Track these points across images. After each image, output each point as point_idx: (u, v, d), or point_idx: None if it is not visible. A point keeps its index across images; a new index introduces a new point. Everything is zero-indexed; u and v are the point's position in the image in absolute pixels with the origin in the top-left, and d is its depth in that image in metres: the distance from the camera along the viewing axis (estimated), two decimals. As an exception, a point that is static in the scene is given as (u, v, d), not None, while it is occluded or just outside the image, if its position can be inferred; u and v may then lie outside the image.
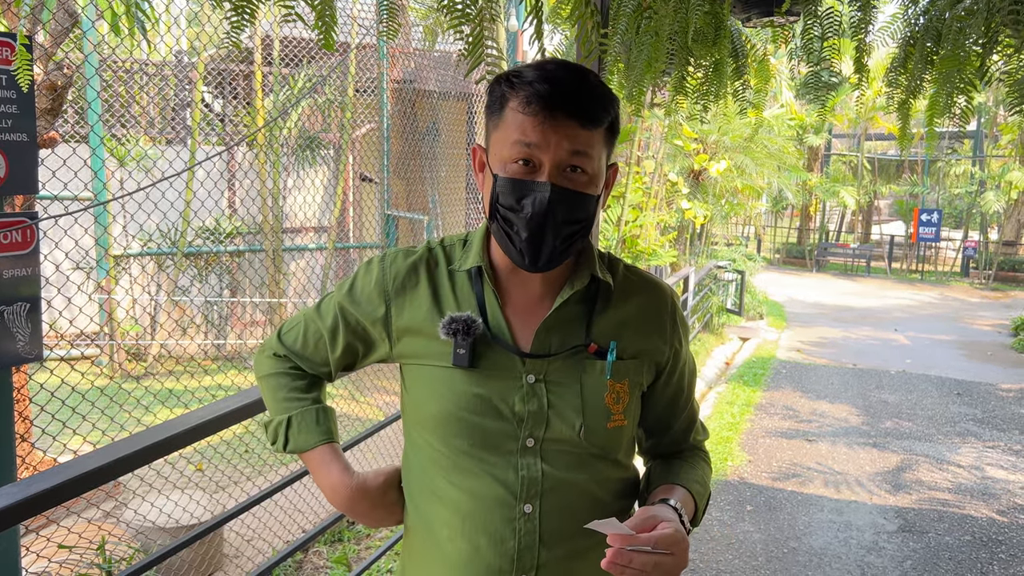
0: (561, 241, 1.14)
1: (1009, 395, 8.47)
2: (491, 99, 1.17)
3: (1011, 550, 4.51)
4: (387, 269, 1.27)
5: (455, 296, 1.23)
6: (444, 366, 1.19)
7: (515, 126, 1.11)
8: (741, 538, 4.52)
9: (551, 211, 1.11)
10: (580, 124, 1.11)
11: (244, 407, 2.13)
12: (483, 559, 1.17)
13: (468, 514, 1.18)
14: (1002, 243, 20.59)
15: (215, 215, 8.06)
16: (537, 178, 1.11)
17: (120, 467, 1.82)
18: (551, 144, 1.10)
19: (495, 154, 1.16)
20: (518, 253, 1.15)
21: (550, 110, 1.09)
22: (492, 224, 1.18)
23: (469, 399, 1.17)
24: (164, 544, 3.43)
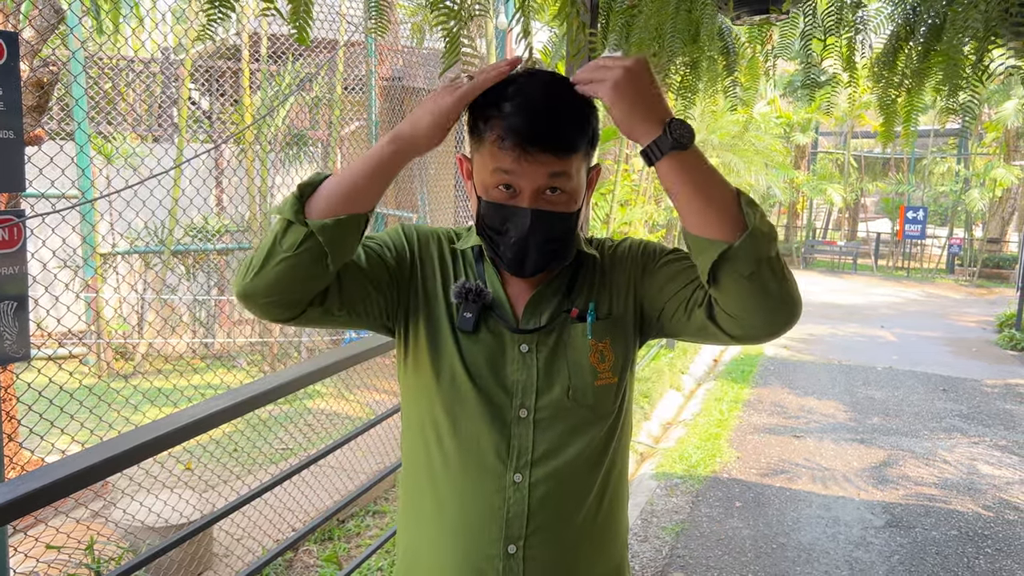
0: (544, 256, 1.20)
1: (994, 391, 8.54)
2: (473, 119, 1.19)
3: (997, 544, 4.55)
4: (416, 229, 1.32)
5: (463, 269, 1.29)
6: (447, 329, 1.24)
7: (494, 157, 1.15)
8: (730, 534, 4.54)
9: (532, 234, 1.17)
10: (556, 156, 1.13)
11: (234, 406, 2.12)
12: (473, 527, 1.21)
13: (460, 483, 1.22)
14: (987, 240, 20.76)
15: (203, 213, 8.03)
16: (519, 203, 1.16)
17: (109, 467, 1.81)
18: (528, 174, 1.14)
19: (477, 174, 1.21)
20: (505, 264, 1.23)
21: (525, 146, 1.12)
22: (480, 234, 1.24)
23: (467, 362, 1.22)
24: (153, 544, 3.42)
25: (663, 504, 4.92)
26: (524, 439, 1.22)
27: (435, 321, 1.25)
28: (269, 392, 2.22)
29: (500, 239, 1.19)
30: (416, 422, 1.28)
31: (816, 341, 11.35)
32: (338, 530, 4.31)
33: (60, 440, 4.46)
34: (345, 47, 8.03)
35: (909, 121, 2.60)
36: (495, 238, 1.20)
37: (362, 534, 4.38)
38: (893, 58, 2.59)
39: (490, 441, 1.21)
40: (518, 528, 1.21)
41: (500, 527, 1.21)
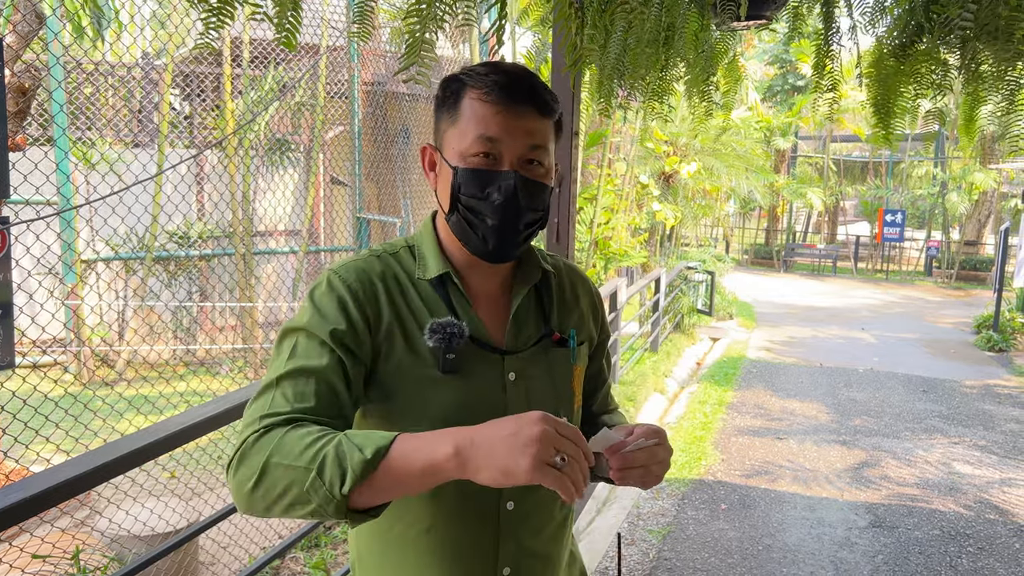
0: (524, 228, 1.18)
1: (973, 391, 8.64)
2: (445, 94, 1.19)
3: (978, 543, 4.61)
4: (347, 280, 1.17)
5: (424, 303, 1.19)
6: (428, 375, 1.15)
7: (474, 119, 1.14)
8: (716, 536, 4.56)
9: (516, 197, 1.14)
10: (538, 113, 1.15)
11: (221, 414, 2.12)
12: (467, 554, 1.20)
13: (455, 511, 1.18)
14: (964, 243, 21.01)
15: (185, 219, 7.97)
16: (501, 166, 1.15)
17: (97, 477, 1.80)
18: (512, 135, 1.14)
19: (451, 148, 1.17)
20: (481, 241, 1.17)
21: (510, 99, 1.14)
22: (452, 217, 1.19)
23: (459, 406, 1.15)
24: (139, 552, 3.39)
25: (649, 507, 4.94)
26: None
27: (412, 367, 1.15)
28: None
29: (481, 206, 1.15)
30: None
31: (798, 344, 11.44)
32: (325, 537, 4.29)
33: (44, 448, 4.41)
34: (327, 52, 8.02)
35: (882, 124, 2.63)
36: (475, 206, 1.15)
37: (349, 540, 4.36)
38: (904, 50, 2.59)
39: None
40: (513, 552, 1.21)
41: (495, 553, 1.20)
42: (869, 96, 2.31)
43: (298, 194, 8.92)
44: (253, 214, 8.14)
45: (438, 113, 1.21)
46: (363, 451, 0.94)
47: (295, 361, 1.09)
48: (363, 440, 0.96)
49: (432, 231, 1.26)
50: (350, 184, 8.57)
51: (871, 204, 22.14)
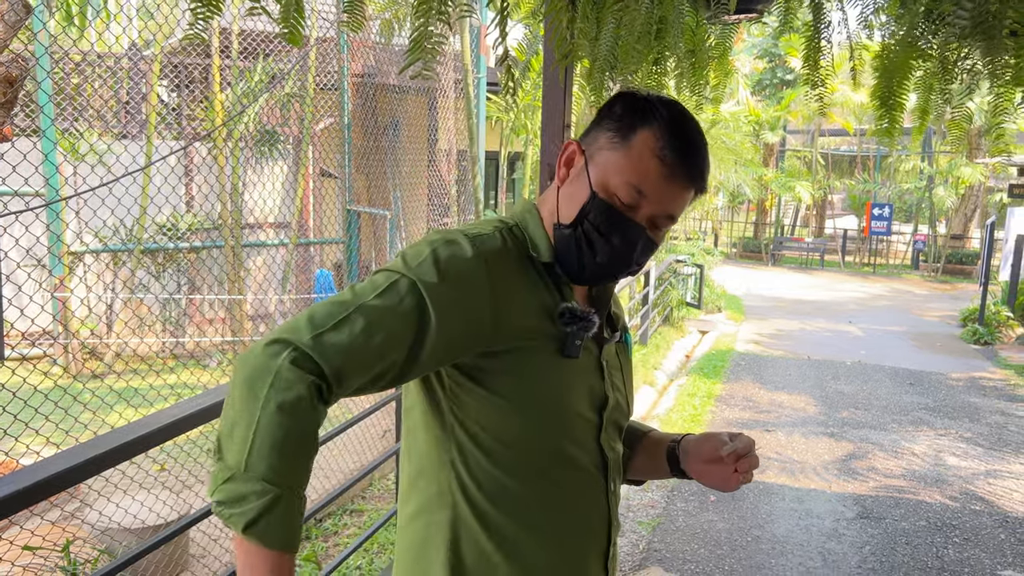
0: (624, 275, 1.21)
1: (959, 384, 8.72)
2: (622, 112, 1.16)
3: (964, 534, 4.66)
4: (483, 251, 1.11)
5: (539, 284, 1.18)
6: (547, 358, 1.14)
7: (639, 170, 1.13)
8: (706, 527, 4.59)
9: (633, 251, 1.17)
10: (691, 187, 1.16)
11: (214, 405, 2.12)
12: (588, 533, 1.22)
13: (568, 501, 1.19)
14: (950, 237, 21.16)
15: (173, 210, 7.93)
16: (635, 217, 1.15)
17: (89, 469, 1.80)
18: (662, 202, 1.15)
19: (601, 172, 1.15)
20: (578, 268, 1.18)
21: (681, 173, 1.14)
22: (566, 231, 1.17)
23: (569, 389, 1.18)
24: (130, 545, 3.38)
25: (639, 499, 4.96)
26: (608, 450, 1.24)
27: (534, 351, 1.14)
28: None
29: (600, 242, 1.15)
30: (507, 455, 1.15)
31: (786, 337, 11.50)
32: (316, 529, 4.30)
33: (35, 441, 4.39)
34: (317, 43, 7.98)
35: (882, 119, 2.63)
36: (594, 239, 1.15)
37: (340, 533, 4.37)
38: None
39: (589, 456, 1.21)
40: (615, 529, 1.26)
41: (607, 531, 1.25)
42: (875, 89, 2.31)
43: (287, 186, 8.89)
44: (243, 206, 8.10)
45: (604, 121, 1.18)
46: (249, 524, 0.92)
47: (382, 329, 1.01)
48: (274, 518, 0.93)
49: (537, 217, 1.23)
50: (340, 176, 8.54)
51: (859, 198, 22.26)
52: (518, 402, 1.13)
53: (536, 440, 1.15)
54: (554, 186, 1.22)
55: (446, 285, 1.05)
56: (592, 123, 1.22)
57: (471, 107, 7.80)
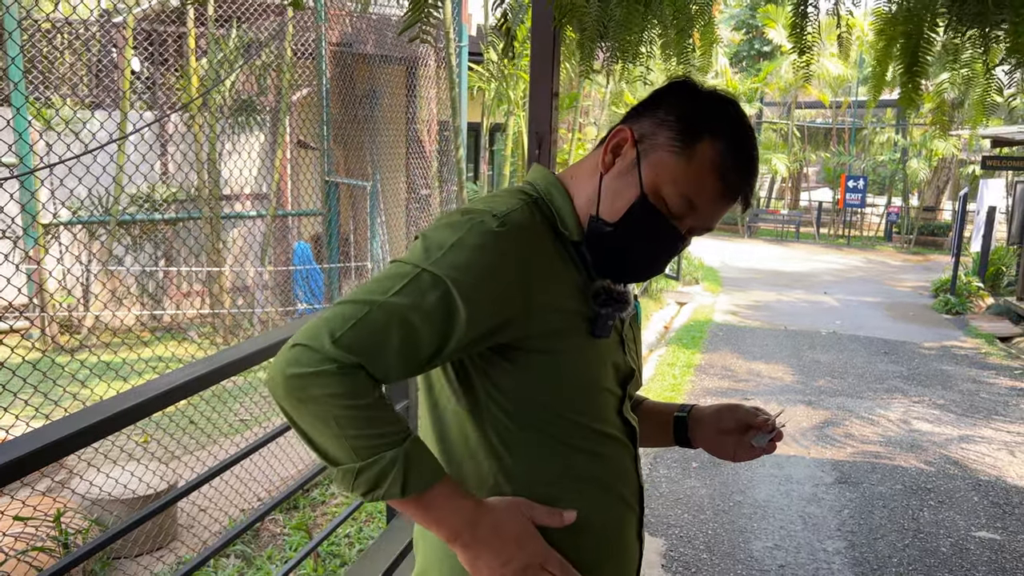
0: (648, 278, 1.24)
1: (931, 353, 8.88)
2: (684, 122, 1.11)
3: (939, 497, 4.77)
4: (512, 231, 1.05)
5: (573, 262, 1.14)
6: (578, 339, 1.12)
7: (697, 183, 1.10)
8: (688, 493, 4.67)
9: (668, 258, 1.17)
10: (739, 207, 1.16)
11: (213, 371, 2.11)
12: (625, 514, 1.22)
13: (608, 473, 1.19)
14: (923, 209, 21.43)
15: (149, 181, 7.81)
16: (679, 226, 1.14)
17: (85, 438, 1.78)
18: (709, 217, 1.13)
19: (655, 174, 1.11)
20: (606, 264, 1.15)
21: (737, 193, 1.12)
22: (606, 227, 1.12)
23: (599, 365, 1.16)
24: (120, 515, 3.37)
25: (622, 466, 5.02)
26: (630, 419, 1.24)
27: (567, 332, 1.11)
28: (236, 363, 2.19)
29: (640, 245, 1.13)
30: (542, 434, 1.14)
31: (763, 307, 11.63)
32: (303, 499, 4.31)
33: (4, 419, 4.33)
34: (294, 11, 7.84)
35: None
36: (635, 241, 1.12)
37: (327, 502, 4.38)
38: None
39: (615, 428, 1.20)
40: (643, 500, 1.27)
41: (639, 498, 1.25)
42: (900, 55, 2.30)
43: (264, 157, 8.78)
44: (219, 177, 7.99)
45: (662, 113, 1.13)
46: (404, 489, 0.98)
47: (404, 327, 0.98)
48: (412, 473, 0.98)
49: (564, 193, 1.17)
50: (317, 147, 8.44)
51: (834, 170, 22.42)
52: (551, 381, 1.10)
53: (569, 418, 1.13)
54: (595, 170, 1.16)
55: (475, 279, 1.00)
56: (644, 107, 1.16)
57: (453, 77, 7.73)
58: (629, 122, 1.15)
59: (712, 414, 1.36)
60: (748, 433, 1.34)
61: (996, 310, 11.39)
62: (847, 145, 22.76)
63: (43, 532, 2.94)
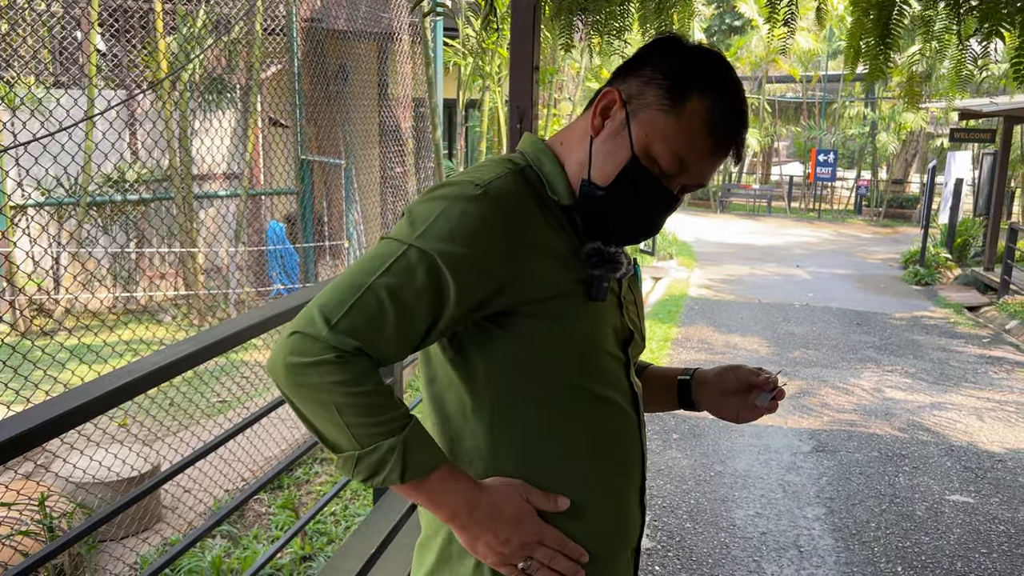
0: (642, 240, 1.20)
1: (902, 323, 9.04)
2: (672, 79, 1.09)
3: (913, 463, 4.88)
4: (497, 200, 1.04)
5: (563, 226, 1.13)
6: (573, 303, 1.10)
7: (688, 140, 1.08)
8: (670, 464, 4.73)
9: (662, 219, 1.16)
10: (727, 157, 1.14)
11: (200, 350, 2.09)
12: (626, 482, 1.20)
13: (609, 442, 1.17)
14: (891, 182, 21.70)
15: (118, 162, 7.67)
16: (671, 185, 1.12)
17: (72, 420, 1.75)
18: (702, 173, 1.12)
19: (645, 134, 1.09)
20: (603, 228, 1.13)
21: (729, 146, 1.11)
22: (598, 191, 1.12)
23: (596, 329, 1.14)
24: (105, 498, 3.35)
25: (604, 440, 5.07)
26: (634, 384, 1.22)
27: (561, 296, 1.10)
28: (218, 343, 2.16)
29: (634, 206, 1.12)
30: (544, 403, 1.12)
31: (736, 281, 11.74)
32: (287, 478, 4.30)
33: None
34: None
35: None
36: (629, 203, 1.12)
37: (312, 481, 4.38)
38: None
39: (621, 393, 1.19)
40: (645, 467, 1.25)
41: (641, 464, 1.23)
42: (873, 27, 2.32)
43: (236, 136, 8.65)
44: (190, 157, 7.87)
45: (648, 71, 1.11)
46: (402, 475, 0.99)
47: (397, 306, 0.98)
48: (411, 460, 0.99)
49: (554, 159, 1.16)
50: (290, 125, 8.34)
51: (804, 145, 22.61)
52: (548, 347, 1.09)
53: (570, 384, 1.12)
54: (584, 134, 1.14)
55: (460, 247, 1.00)
56: (629, 67, 1.14)
57: (429, 52, 7.66)
58: (616, 83, 1.14)
59: (715, 376, 1.36)
60: (752, 394, 1.33)
61: (964, 280, 11.61)
62: (817, 119, 22.95)
63: (27, 516, 2.91)
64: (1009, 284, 10.02)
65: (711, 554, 3.71)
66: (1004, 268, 10.09)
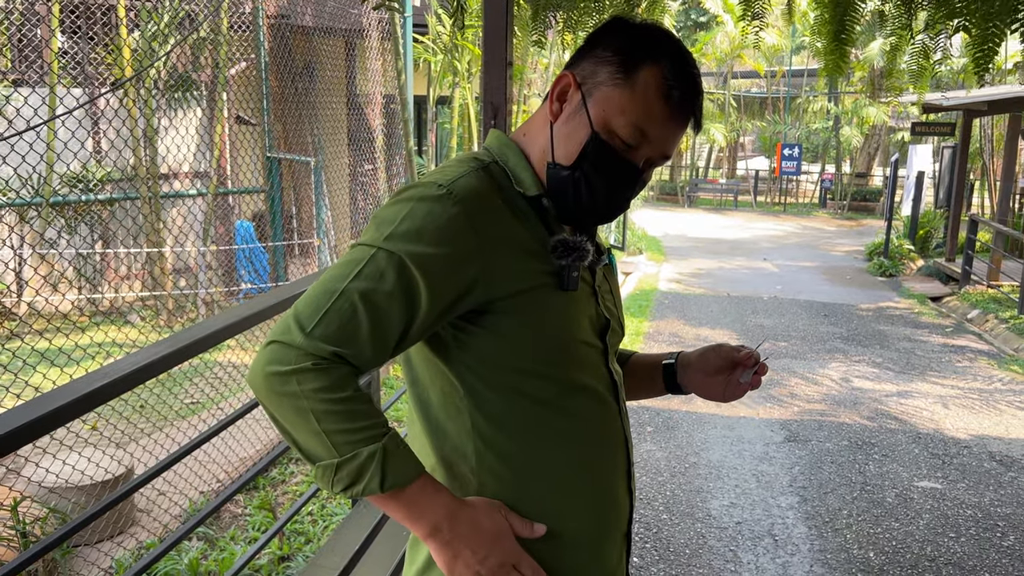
0: (608, 216, 1.19)
1: (868, 314, 9.20)
2: (630, 47, 1.11)
3: (882, 451, 4.97)
4: (462, 198, 1.05)
5: (532, 219, 1.14)
6: (543, 294, 1.11)
7: (644, 110, 1.09)
8: (645, 457, 4.77)
9: (629, 193, 1.16)
10: (687, 127, 1.14)
11: (177, 351, 2.07)
12: (611, 470, 1.20)
13: (591, 430, 1.17)
14: (855, 175, 22.05)
15: (81, 160, 7.53)
16: (633, 159, 1.12)
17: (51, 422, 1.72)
18: (662, 143, 1.12)
19: (602, 110, 1.11)
20: (574, 210, 1.15)
21: (687, 112, 1.12)
22: (562, 172, 1.13)
23: (570, 320, 1.15)
24: (77, 502, 3.29)
25: (580, 434, 5.10)
26: (614, 372, 1.23)
27: (532, 289, 1.10)
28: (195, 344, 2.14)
29: (598, 184, 1.12)
30: (523, 398, 1.12)
31: (705, 275, 11.86)
32: (263, 479, 4.27)
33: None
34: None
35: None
36: (593, 181, 1.12)
37: (287, 481, 4.35)
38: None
39: (601, 381, 1.19)
40: (630, 453, 1.25)
41: (625, 451, 1.23)
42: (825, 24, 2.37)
43: (202, 134, 8.54)
44: (156, 155, 7.75)
45: (600, 51, 1.13)
46: (382, 483, 0.99)
47: (369, 281, 1.00)
48: (391, 468, 0.99)
49: (518, 151, 1.18)
50: (257, 123, 8.25)
51: (769, 139, 22.87)
52: (525, 341, 1.10)
53: (548, 376, 1.13)
54: (545, 121, 1.17)
55: (428, 247, 1.01)
56: (582, 51, 1.16)
57: (399, 49, 7.63)
58: (570, 68, 1.16)
59: (698, 357, 1.38)
60: (736, 371, 1.35)
61: (926, 271, 11.83)
62: (782, 114, 23.22)
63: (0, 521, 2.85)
64: (970, 274, 10.24)
65: (688, 544, 3.75)
66: (965, 259, 10.31)
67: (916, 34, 2.97)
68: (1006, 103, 10.37)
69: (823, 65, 2.55)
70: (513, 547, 1.09)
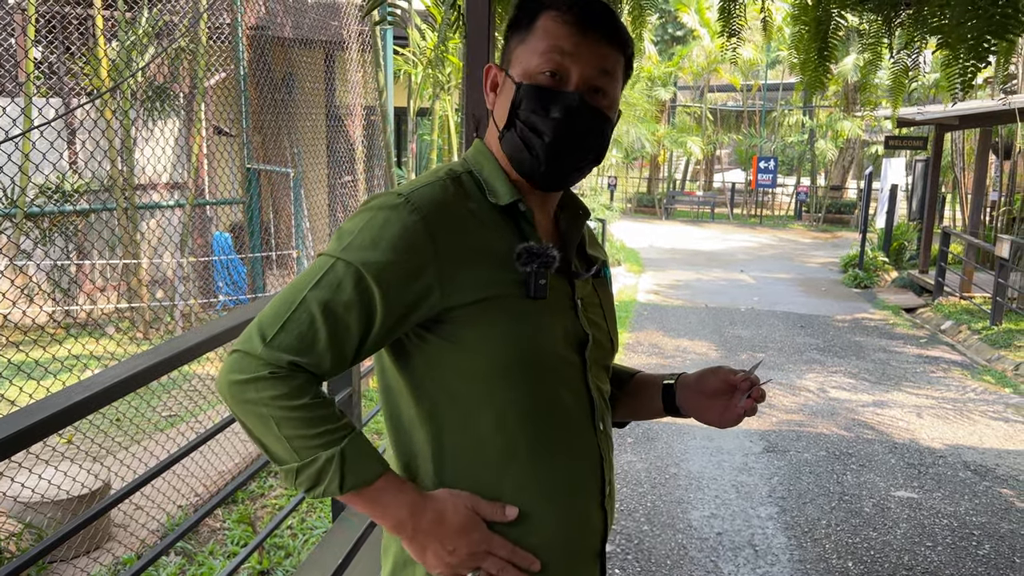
0: (583, 151, 1.15)
1: (844, 325, 9.31)
2: (520, 14, 1.16)
3: (860, 461, 5.03)
4: (420, 207, 1.06)
5: (496, 230, 1.13)
6: (512, 303, 1.10)
7: (548, 36, 1.12)
8: (626, 468, 4.78)
9: (577, 119, 1.12)
10: (610, 43, 1.14)
11: (158, 364, 2.05)
12: (581, 484, 1.18)
13: (556, 445, 1.15)
14: (830, 188, 22.34)
15: (58, 171, 7.45)
16: (567, 88, 1.12)
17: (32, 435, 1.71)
18: (582, 56, 1.12)
19: (519, 65, 1.13)
20: (534, 160, 1.13)
21: (587, 22, 1.12)
22: (507, 133, 1.14)
23: (543, 331, 1.13)
24: (53, 516, 3.24)
25: (560, 445, 5.10)
26: (593, 389, 1.20)
27: (498, 298, 1.10)
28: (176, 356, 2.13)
29: (540, 121, 1.11)
30: (489, 410, 1.12)
31: (683, 287, 11.94)
32: (242, 492, 4.23)
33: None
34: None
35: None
36: (533, 121, 1.11)
37: (266, 495, 4.31)
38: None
39: (575, 397, 1.17)
40: (608, 469, 1.23)
41: (599, 472, 1.20)
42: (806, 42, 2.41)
43: (180, 145, 8.48)
44: (133, 166, 7.68)
45: (509, 33, 1.17)
46: (341, 486, 1.03)
47: (326, 292, 1.03)
48: (349, 471, 1.03)
49: (492, 157, 1.19)
50: (236, 134, 8.21)
51: (745, 152, 23.11)
52: (489, 350, 1.09)
53: (516, 387, 1.11)
54: (488, 114, 1.20)
55: (383, 255, 1.03)
56: (503, 45, 1.20)
57: (380, 60, 7.63)
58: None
59: (695, 379, 1.35)
60: (735, 396, 1.30)
61: (900, 283, 11.99)
62: (758, 127, 23.48)
63: (-26, 538, 2.80)
64: (943, 286, 10.39)
65: (669, 555, 3.76)
66: (938, 270, 10.46)
67: (893, 50, 3.03)
68: (977, 118, 10.57)
69: (805, 81, 2.59)
70: (482, 535, 1.10)
